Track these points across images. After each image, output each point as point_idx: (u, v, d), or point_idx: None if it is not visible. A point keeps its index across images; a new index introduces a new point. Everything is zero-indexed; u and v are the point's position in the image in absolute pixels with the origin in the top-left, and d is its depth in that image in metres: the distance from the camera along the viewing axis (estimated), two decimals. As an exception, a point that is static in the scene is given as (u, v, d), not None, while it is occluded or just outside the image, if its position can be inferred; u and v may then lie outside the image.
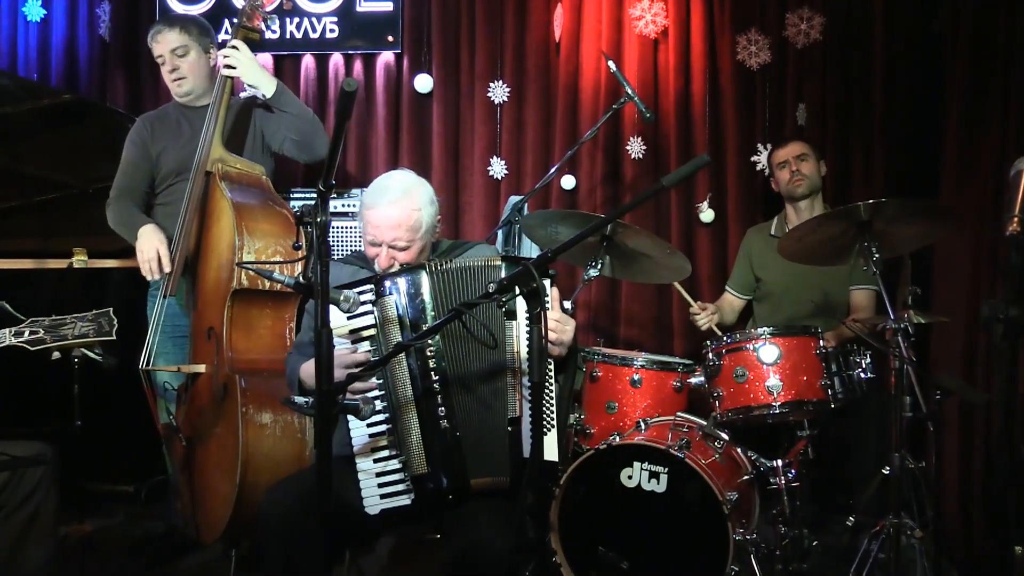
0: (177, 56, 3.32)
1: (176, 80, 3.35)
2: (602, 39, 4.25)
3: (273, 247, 2.98)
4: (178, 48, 3.32)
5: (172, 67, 3.33)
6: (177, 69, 3.33)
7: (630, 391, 3.33)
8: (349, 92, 1.75)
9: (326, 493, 1.91)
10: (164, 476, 3.53)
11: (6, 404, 2.29)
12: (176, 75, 3.34)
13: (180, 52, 3.32)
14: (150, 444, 3.53)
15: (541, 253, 2.07)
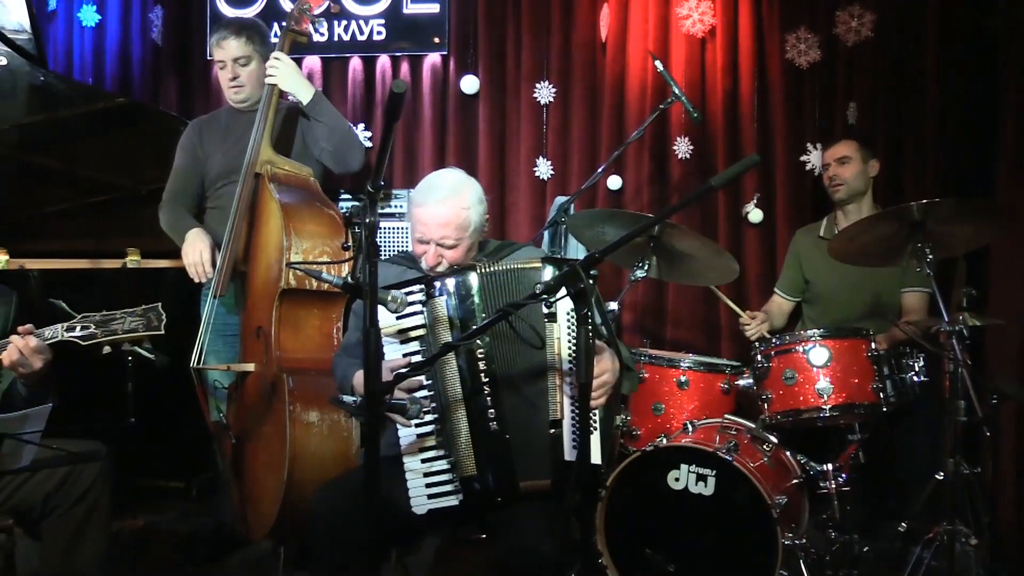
0: (239, 65, 3.35)
1: (235, 88, 3.38)
2: (648, 39, 4.22)
3: (320, 247, 3.01)
4: (241, 58, 3.34)
5: (233, 75, 3.35)
6: (237, 77, 3.35)
7: (677, 393, 3.31)
8: (398, 94, 1.76)
9: (374, 492, 1.92)
10: (214, 473, 3.59)
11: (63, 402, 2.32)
12: (236, 83, 3.36)
13: (243, 62, 3.35)
14: (201, 441, 3.60)
15: (588, 254, 2.06)
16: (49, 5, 4.72)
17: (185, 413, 3.50)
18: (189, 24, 4.64)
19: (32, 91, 3.92)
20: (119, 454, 2.65)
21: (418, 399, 2.20)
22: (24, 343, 2.37)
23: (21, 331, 2.40)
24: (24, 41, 3.88)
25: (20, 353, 2.37)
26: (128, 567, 3.27)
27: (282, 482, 2.78)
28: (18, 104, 3.92)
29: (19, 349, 2.37)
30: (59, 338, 2.39)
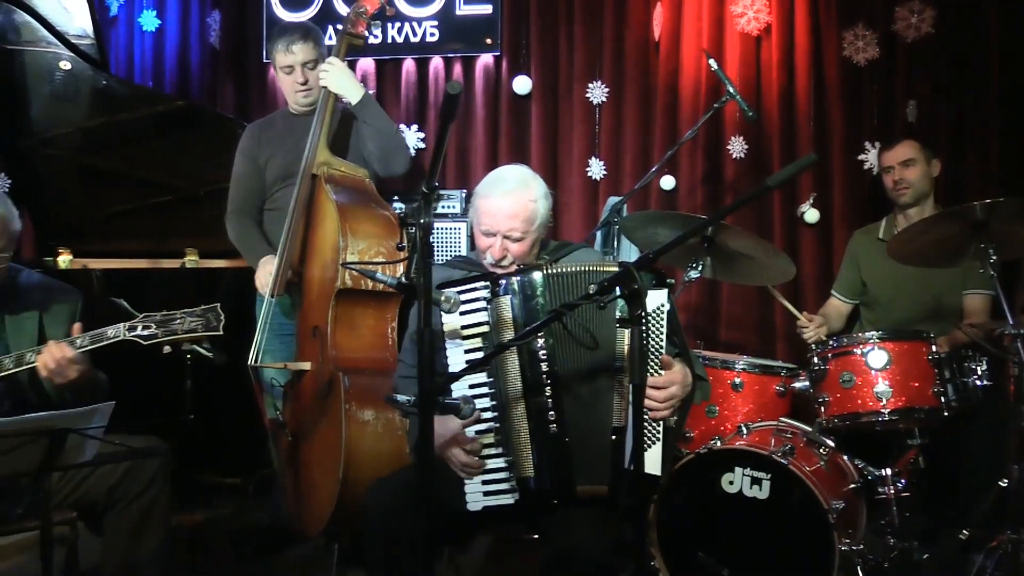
0: (308, 69, 3.36)
1: (303, 92, 3.39)
2: (702, 37, 4.19)
3: (376, 248, 3.03)
4: (309, 62, 3.35)
5: (302, 79, 3.36)
6: (307, 81, 3.36)
7: (731, 395, 3.28)
8: (453, 95, 1.77)
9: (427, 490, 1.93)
10: (270, 470, 3.63)
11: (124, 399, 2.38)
12: (305, 87, 3.37)
13: (311, 66, 3.36)
14: (257, 438, 3.65)
15: (642, 255, 2.05)
16: (111, 11, 4.84)
17: (242, 411, 3.55)
18: (245, 28, 4.72)
19: (95, 95, 4.01)
20: (178, 451, 2.70)
21: (471, 399, 2.20)
22: (60, 351, 2.43)
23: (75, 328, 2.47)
24: (87, 46, 3.97)
25: (56, 362, 2.43)
26: (186, 562, 3.33)
27: (337, 480, 2.81)
28: (81, 107, 4.02)
29: (54, 358, 2.43)
30: (121, 337, 2.44)
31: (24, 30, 3.88)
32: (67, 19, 3.92)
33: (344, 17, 3.50)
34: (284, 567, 3.43)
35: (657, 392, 2.21)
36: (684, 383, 2.27)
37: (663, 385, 2.21)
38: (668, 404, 2.24)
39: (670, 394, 2.23)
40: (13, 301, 2.66)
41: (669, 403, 2.24)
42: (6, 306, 2.65)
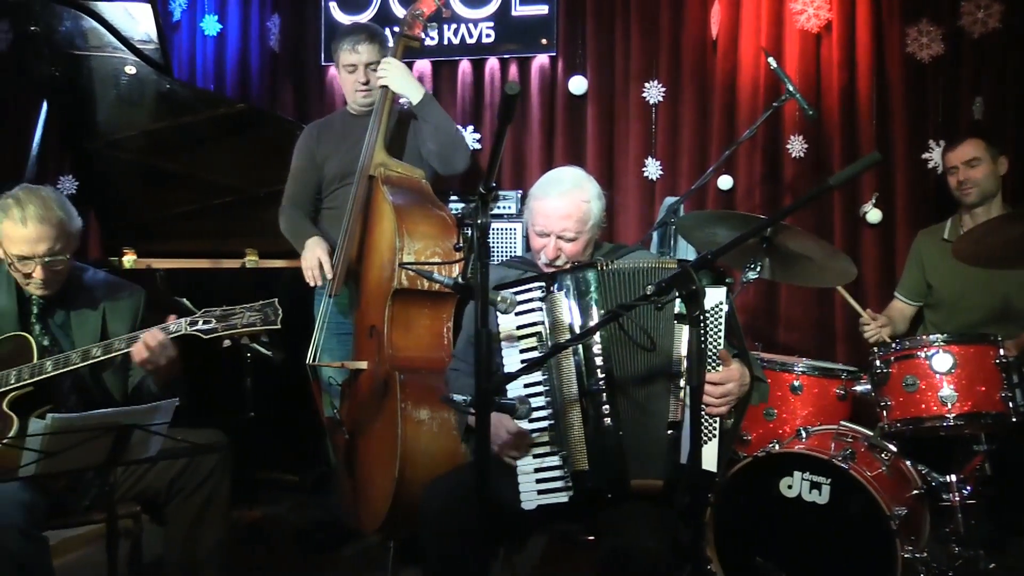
0: (370, 70, 3.39)
1: (364, 92, 3.42)
2: (761, 35, 4.13)
3: (432, 248, 3.05)
4: (372, 63, 3.39)
5: (365, 79, 3.40)
6: (367, 82, 3.40)
7: (790, 398, 3.23)
8: (511, 96, 1.77)
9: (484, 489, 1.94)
10: (327, 467, 3.68)
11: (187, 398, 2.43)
12: (366, 87, 3.41)
13: (373, 67, 3.39)
14: (315, 436, 3.70)
15: (700, 255, 2.04)
16: (174, 16, 4.93)
17: (300, 408, 3.60)
18: (304, 31, 4.78)
19: (159, 98, 4.09)
20: (237, 447, 2.75)
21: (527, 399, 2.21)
22: (152, 338, 2.48)
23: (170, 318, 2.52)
24: (151, 51, 4.04)
25: (148, 349, 2.48)
26: (245, 556, 3.38)
27: (393, 478, 2.83)
28: (146, 111, 4.10)
29: (147, 345, 2.48)
30: (183, 331, 2.49)
31: (91, 36, 3.97)
32: (132, 25, 3.99)
33: (401, 19, 3.53)
34: (341, 563, 3.47)
35: (714, 388, 2.20)
36: (741, 381, 2.26)
37: (720, 381, 2.21)
38: (724, 401, 2.23)
39: (727, 391, 2.22)
40: (78, 299, 2.73)
41: (725, 400, 2.23)
42: (71, 304, 2.72)
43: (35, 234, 2.52)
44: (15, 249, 2.54)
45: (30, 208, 2.53)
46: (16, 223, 2.52)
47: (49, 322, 2.69)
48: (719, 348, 2.22)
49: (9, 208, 2.54)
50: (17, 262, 2.55)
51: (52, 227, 2.55)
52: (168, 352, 2.51)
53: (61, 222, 2.57)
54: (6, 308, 2.64)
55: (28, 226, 2.52)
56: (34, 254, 2.54)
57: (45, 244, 2.54)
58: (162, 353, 2.49)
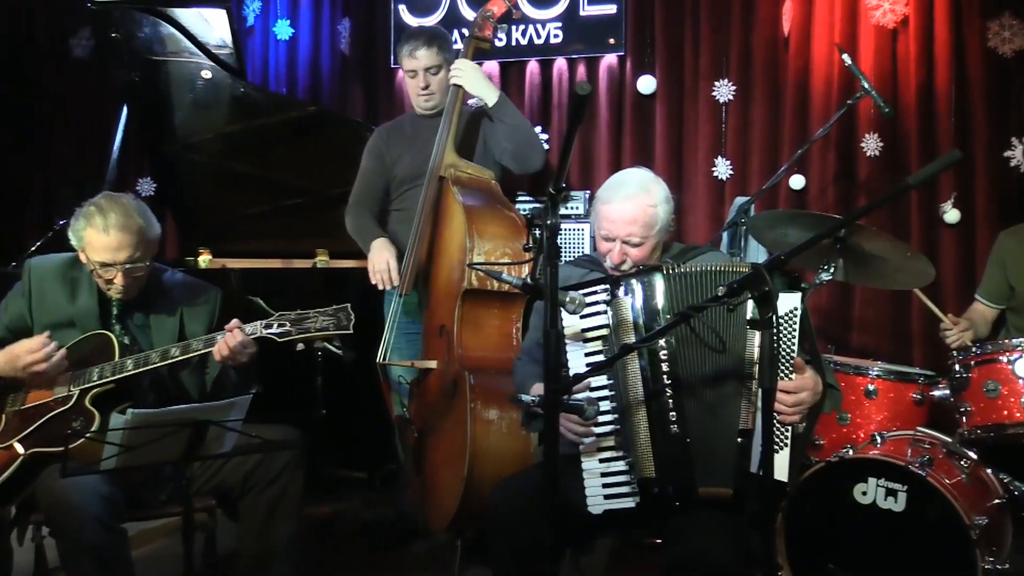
0: (430, 74, 3.41)
1: (425, 96, 3.44)
2: (834, 31, 4.05)
3: (501, 249, 3.06)
4: (432, 67, 3.40)
5: (424, 84, 3.42)
6: (428, 86, 3.42)
7: (864, 402, 3.16)
8: (582, 96, 1.76)
9: (553, 491, 1.93)
10: (396, 465, 3.71)
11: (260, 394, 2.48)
12: (426, 92, 3.43)
13: (433, 71, 3.41)
14: (384, 434, 3.73)
15: (772, 256, 2.01)
16: (248, 21, 5.04)
17: (370, 407, 3.65)
18: (374, 34, 4.84)
19: (233, 102, 4.18)
20: (309, 444, 2.79)
21: (595, 400, 2.20)
22: (233, 339, 2.54)
23: (228, 328, 2.58)
24: (226, 55, 4.13)
25: (229, 349, 2.54)
26: (315, 551, 3.43)
27: (462, 477, 2.84)
28: (221, 114, 4.20)
29: (228, 345, 2.54)
30: (258, 334, 2.55)
31: (169, 41, 4.08)
32: (207, 30, 4.08)
33: (471, 21, 3.55)
34: (409, 561, 3.50)
35: (787, 396, 2.16)
36: (815, 389, 2.20)
37: (793, 390, 2.16)
38: (797, 409, 2.18)
39: (800, 399, 2.17)
40: (157, 299, 2.79)
41: (798, 408, 2.18)
42: (150, 304, 2.79)
43: (116, 242, 2.59)
44: (97, 256, 2.61)
45: (112, 216, 2.60)
46: (99, 231, 2.59)
47: (128, 322, 2.76)
48: (793, 356, 2.17)
49: (92, 216, 2.62)
50: (99, 268, 2.63)
51: (133, 235, 2.61)
52: (250, 349, 2.57)
53: (141, 230, 2.64)
54: (88, 308, 2.72)
55: (110, 234, 2.59)
56: (115, 261, 2.60)
57: (126, 252, 2.61)
58: (242, 352, 2.56)
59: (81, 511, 2.38)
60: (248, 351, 2.57)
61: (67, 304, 2.72)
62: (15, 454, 2.54)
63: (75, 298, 2.73)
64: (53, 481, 2.39)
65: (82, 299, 2.73)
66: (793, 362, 2.17)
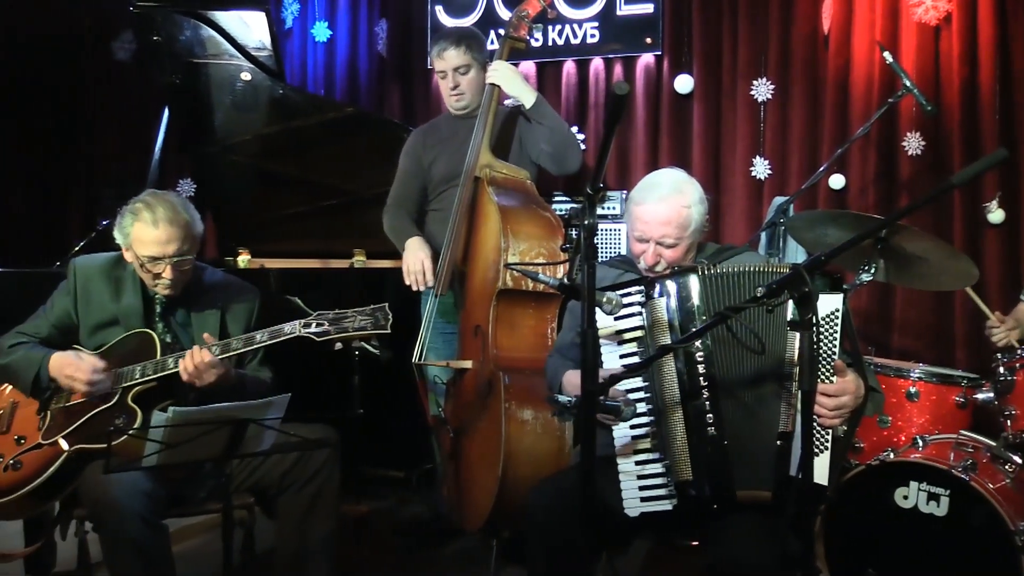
0: (460, 74, 3.42)
1: (456, 96, 3.46)
2: (875, 29, 4.00)
3: (536, 249, 3.06)
4: (461, 67, 3.42)
5: (454, 84, 3.43)
6: (458, 86, 3.43)
7: (906, 405, 3.11)
8: (620, 96, 1.75)
9: (589, 492, 1.93)
10: (432, 464, 3.73)
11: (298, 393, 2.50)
12: (456, 92, 3.44)
13: (463, 71, 3.42)
14: (420, 433, 3.75)
15: (813, 256, 1.98)
16: (286, 23, 5.09)
17: (406, 406, 3.66)
18: (411, 35, 4.86)
19: (272, 103, 4.21)
20: (345, 443, 2.81)
21: (632, 401, 2.19)
22: (200, 356, 2.56)
23: (206, 338, 2.61)
24: (265, 57, 4.17)
25: (194, 366, 2.56)
26: (351, 550, 3.45)
27: (497, 477, 2.84)
28: (260, 115, 4.23)
29: (193, 362, 2.56)
30: (297, 333, 2.56)
31: (209, 44, 4.12)
32: (247, 33, 4.12)
33: (507, 21, 3.55)
34: (444, 560, 3.51)
35: (828, 400, 2.13)
36: (857, 393, 2.16)
37: (835, 393, 2.13)
38: (838, 412, 2.15)
39: (841, 403, 2.14)
40: (198, 298, 2.84)
41: (839, 411, 2.15)
42: (192, 303, 2.83)
43: (165, 235, 2.64)
44: (146, 250, 2.66)
45: (159, 211, 2.66)
46: (147, 225, 2.65)
47: (171, 320, 2.80)
48: (834, 358, 2.15)
49: (139, 212, 2.67)
50: (148, 263, 2.67)
51: (180, 228, 2.66)
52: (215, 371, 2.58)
53: (187, 224, 2.69)
54: (132, 306, 2.77)
55: (159, 228, 2.64)
56: (164, 255, 2.65)
57: (174, 245, 2.65)
58: (206, 372, 2.57)
59: (124, 507, 2.42)
60: (216, 371, 2.58)
61: (111, 302, 2.77)
62: (60, 450, 2.59)
63: (119, 297, 2.78)
64: (96, 477, 2.43)
65: (126, 297, 2.77)
66: (834, 365, 2.14)
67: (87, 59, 5.46)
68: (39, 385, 2.67)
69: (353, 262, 4.21)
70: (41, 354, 2.69)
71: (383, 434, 3.93)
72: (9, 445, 2.65)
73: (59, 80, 5.45)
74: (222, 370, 2.60)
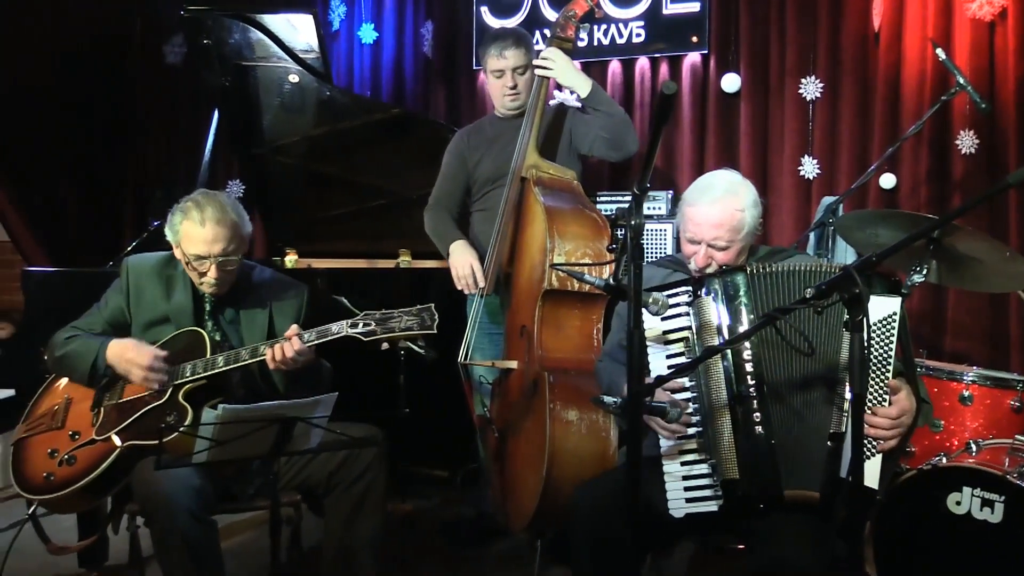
0: (518, 74, 3.42)
1: (511, 96, 3.45)
2: (927, 26, 3.92)
3: (583, 249, 3.05)
4: (520, 67, 3.41)
5: (512, 83, 3.42)
6: (516, 86, 3.43)
7: (959, 409, 3.05)
8: (668, 95, 1.75)
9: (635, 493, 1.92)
10: (477, 464, 3.74)
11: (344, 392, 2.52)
12: (514, 91, 3.43)
13: (521, 71, 3.41)
14: (465, 433, 3.76)
15: (864, 257, 1.95)
16: (333, 26, 5.14)
17: (451, 406, 3.67)
18: (456, 37, 4.88)
19: (319, 105, 4.25)
20: (391, 442, 2.83)
21: (679, 402, 2.18)
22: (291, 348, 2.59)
23: (289, 334, 2.63)
24: (313, 60, 4.21)
25: (283, 354, 2.59)
26: (395, 548, 3.47)
27: (541, 477, 2.84)
28: (307, 117, 4.27)
29: (283, 350, 2.59)
30: (344, 333, 2.58)
31: (258, 47, 4.17)
32: (294, 35, 4.17)
33: (553, 21, 3.55)
34: (488, 560, 3.51)
35: (883, 420, 2.10)
36: (912, 410, 2.13)
37: (895, 415, 2.10)
38: (895, 433, 2.11)
39: (899, 423, 2.11)
40: (246, 296, 2.87)
41: (896, 431, 2.11)
42: (241, 302, 2.86)
43: (212, 235, 2.68)
44: (193, 248, 2.70)
45: (208, 210, 2.70)
46: (195, 224, 2.69)
47: (220, 318, 2.84)
48: (889, 364, 2.10)
49: (189, 210, 2.72)
50: (194, 261, 2.72)
51: (227, 228, 2.70)
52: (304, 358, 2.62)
53: (235, 224, 2.73)
54: (183, 304, 2.82)
55: (206, 227, 2.68)
56: (210, 254, 2.69)
57: (220, 244, 2.70)
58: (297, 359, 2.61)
59: (174, 502, 2.46)
60: (303, 359, 2.62)
61: (162, 301, 2.82)
62: (112, 446, 2.64)
63: (170, 295, 2.82)
64: (148, 473, 2.47)
65: (177, 296, 2.82)
66: (887, 384, 2.10)
67: (139, 63, 5.57)
68: (96, 372, 2.73)
69: (399, 262, 4.23)
70: (98, 342, 2.75)
71: (428, 434, 3.95)
72: (64, 440, 2.71)
73: (112, 83, 5.56)
74: (309, 357, 2.65)
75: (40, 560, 3.30)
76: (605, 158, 3.46)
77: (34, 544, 2.98)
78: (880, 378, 2.10)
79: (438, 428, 4.00)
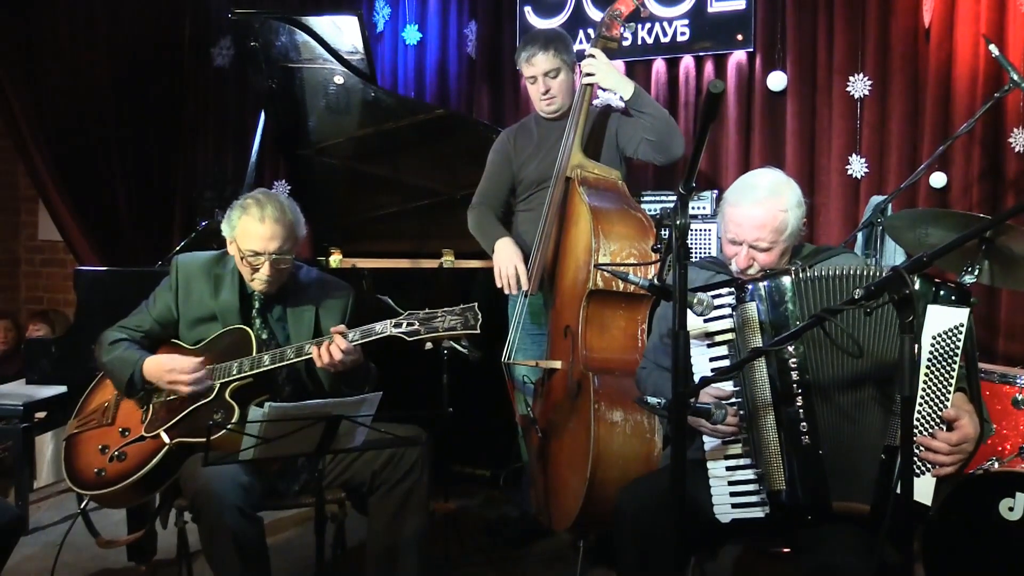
0: (549, 78, 3.41)
1: (547, 100, 3.44)
2: (980, 21, 3.85)
3: (628, 250, 3.03)
4: (551, 71, 3.40)
5: (544, 88, 3.41)
6: (549, 91, 3.42)
7: (1011, 412, 2.98)
8: (716, 94, 1.73)
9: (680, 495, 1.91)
10: (520, 464, 3.74)
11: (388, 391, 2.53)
12: (548, 96, 3.43)
13: (552, 74, 3.40)
14: (508, 433, 3.76)
15: (914, 257, 1.91)
16: (378, 27, 5.17)
17: (494, 405, 3.68)
18: (500, 37, 4.88)
19: (364, 106, 4.28)
20: (435, 441, 2.84)
21: (723, 404, 2.16)
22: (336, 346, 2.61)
23: (333, 331, 2.65)
24: (358, 61, 4.24)
25: (330, 355, 2.61)
26: (441, 546, 3.48)
27: (585, 478, 2.83)
28: (352, 118, 4.31)
29: (329, 351, 2.61)
30: (388, 333, 2.60)
31: (304, 49, 4.21)
32: (340, 37, 4.19)
33: (598, 21, 3.53)
34: (531, 560, 3.51)
35: (942, 446, 2.03)
36: (975, 436, 2.05)
37: (955, 441, 2.02)
38: (955, 460, 2.04)
39: (963, 450, 2.04)
40: (294, 295, 2.90)
41: (959, 457, 2.04)
42: (288, 300, 2.90)
43: (269, 232, 2.72)
44: (249, 244, 2.74)
45: (268, 208, 2.75)
46: (255, 220, 2.74)
47: (268, 317, 2.88)
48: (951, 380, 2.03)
49: (250, 207, 2.77)
50: (249, 257, 2.75)
51: (284, 228, 2.75)
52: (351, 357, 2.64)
53: (292, 225, 2.77)
54: (230, 303, 2.85)
55: (264, 224, 2.73)
56: (265, 250, 2.73)
57: (276, 242, 2.73)
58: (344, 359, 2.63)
59: (221, 498, 2.49)
60: (351, 358, 2.64)
61: (210, 299, 2.86)
62: (161, 443, 2.69)
63: (218, 293, 2.86)
64: (196, 469, 2.51)
65: (224, 294, 2.86)
66: (943, 414, 2.04)
67: (188, 65, 5.66)
68: (133, 386, 2.78)
69: (442, 262, 4.25)
70: (136, 356, 2.79)
71: (471, 433, 3.96)
72: (114, 436, 2.77)
73: (162, 86, 5.66)
74: (356, 356, 2.67)
75: (90, 553, 3.37)
76: (651, 161, 3.43)
77: (84, 538, 3.04)
78: (942, 391, 2.04)
79: (481, 428, 4.01)
